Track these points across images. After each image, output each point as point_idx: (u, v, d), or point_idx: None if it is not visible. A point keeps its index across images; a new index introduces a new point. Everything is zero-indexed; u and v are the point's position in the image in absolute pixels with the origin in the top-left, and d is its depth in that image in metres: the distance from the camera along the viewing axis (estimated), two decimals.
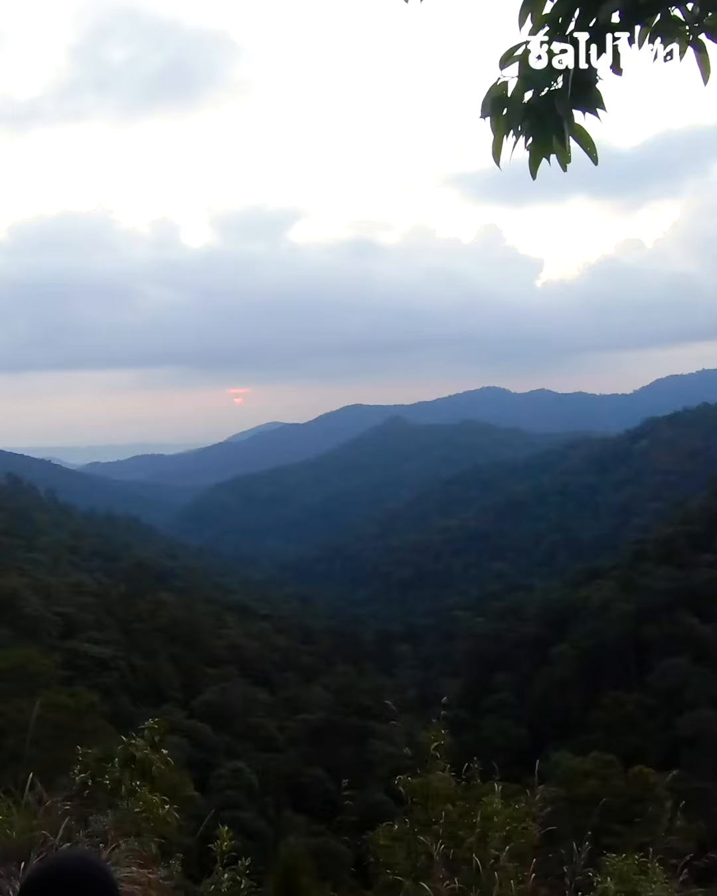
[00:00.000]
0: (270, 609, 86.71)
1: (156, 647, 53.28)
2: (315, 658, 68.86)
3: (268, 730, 46.14)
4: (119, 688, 41.75)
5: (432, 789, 4.71)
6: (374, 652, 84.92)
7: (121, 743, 4.95)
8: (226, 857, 4.13)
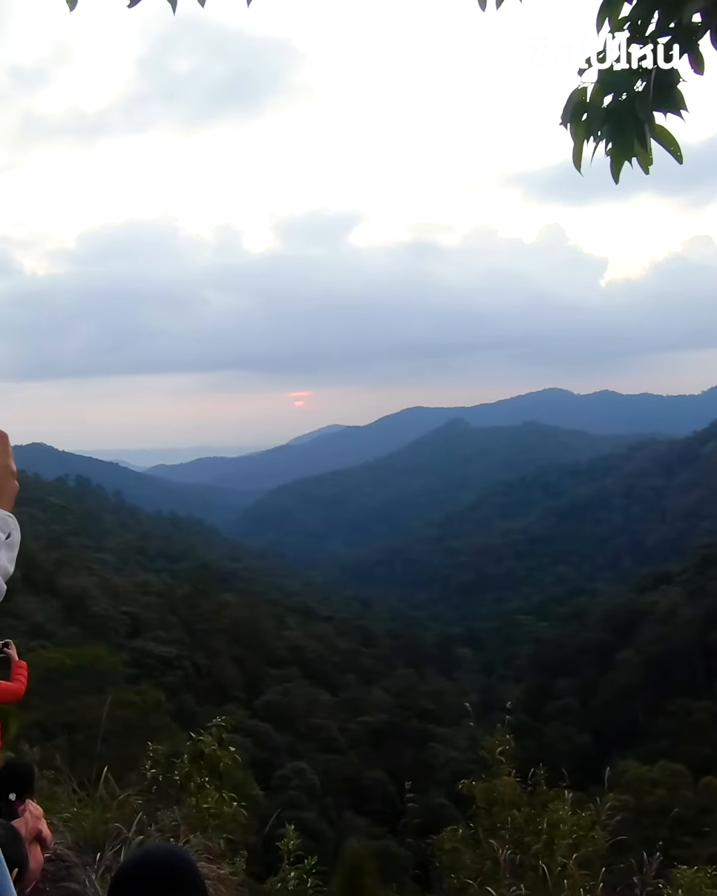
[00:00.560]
0: (331, 611, 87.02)
1: (219, 647, 53.99)
2: (376, 661, 68.83)
3: (329, 731, 46.27)
4: (183, 686, 42.44)
5: (497, 794, 4.67)
6: (435, 655, 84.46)
7: (186, 740, 5.06)
8: (292, 856, 4.17)
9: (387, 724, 48.50)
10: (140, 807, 3.83)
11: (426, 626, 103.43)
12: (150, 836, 3.57)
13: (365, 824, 33.31)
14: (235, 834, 4.15)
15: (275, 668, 56.11)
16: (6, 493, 1.25)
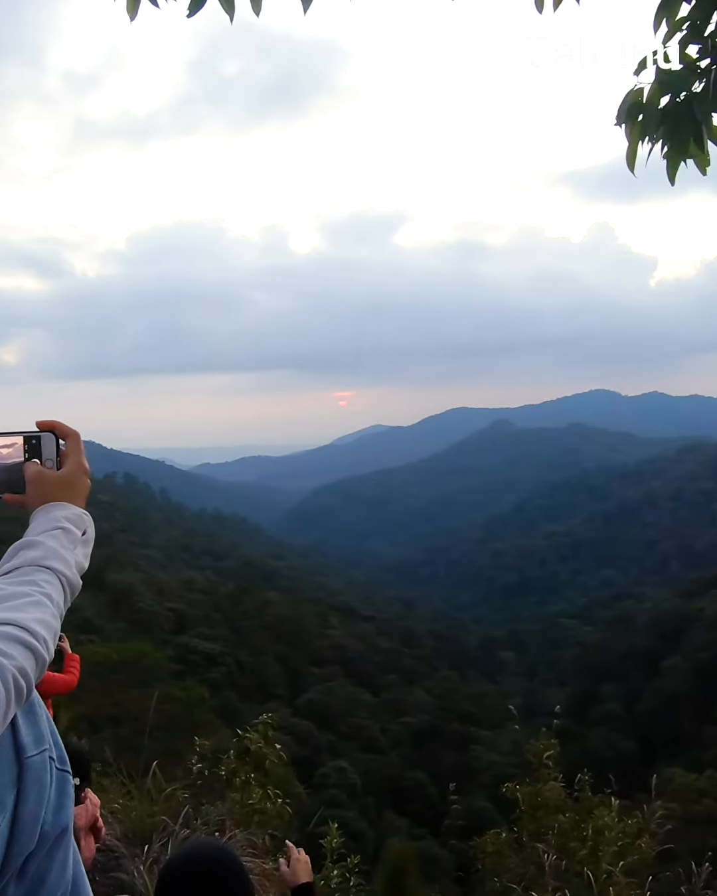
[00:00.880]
0: (373, 611, 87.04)
1: (262, 645, 54.39)
2: (418, 661, 68.66)
3: (370, 731, 46.29)
4: (226, 683, 42.82)
5: (542, 799, 4.64)
6: (477, 657, 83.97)
7: (229, 736, 5.07)
8: (335, 854, 4.19)
9: (428, 726, 48.34)
10: (186, 801, 3.88)
11: (469, 628, 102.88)
12: (196, 829, 3.62)
13: (405, 825, 33.26)
14: (279, 831, 4.18)
15: (317, 666, 56.31)
16: (81, 491, 1.26)
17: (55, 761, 1.12)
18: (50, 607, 1.08)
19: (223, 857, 1.45)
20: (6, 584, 1.08)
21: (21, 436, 1.29)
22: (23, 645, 0.99)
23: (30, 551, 1.14)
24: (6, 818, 1.01)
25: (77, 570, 1.18)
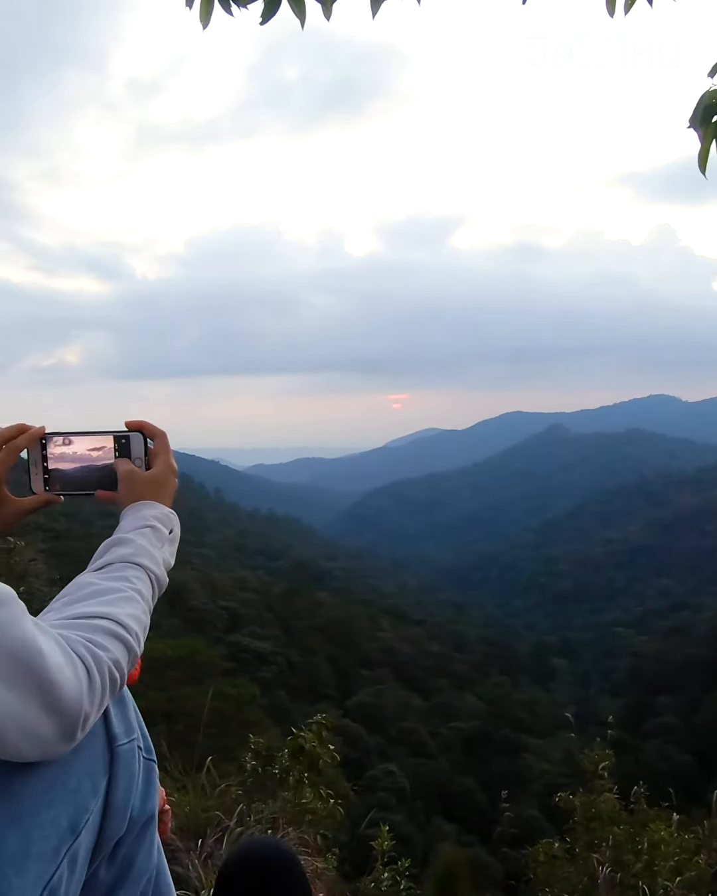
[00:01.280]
0: (424, 614, 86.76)
1: (313, 646, 54.64)
2: (468, 666, 68.16)
3: (420, 735, 46.11)
4: (277, 682, 43.12)
5: (597, 810, 4.56)
6: (529, 664, 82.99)
7: (281, 735, 5.08)
8: (386, 857, 4.20)
9: (479, 731, 47.94)
10: (240, 797, 3.92)
11: (521, 635, 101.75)
12: (249, 826, 3.66)
13: (454, 831, 33.02)
14: (330, 831, 4.20)
15: (367, 669, 56.34)
16: (169, 491, 1.33)
17: (143, 751, 1.16)
18: (141, 603, 1.12)
19: (282, 856, 1.46)
20: (100, 580, 1.13)
21: (111, 435, 1.33)
22: (117, 639, 1.03)
23: (121, 548, 1.18)
24: (99, 803, 1.05)
25: (164, 567, 1.23)
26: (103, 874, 1.11)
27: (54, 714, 0.88)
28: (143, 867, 1.17)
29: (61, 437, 1.32)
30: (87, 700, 0.92)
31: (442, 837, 30.07)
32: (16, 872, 0.93)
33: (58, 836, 0.99)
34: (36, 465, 1.32)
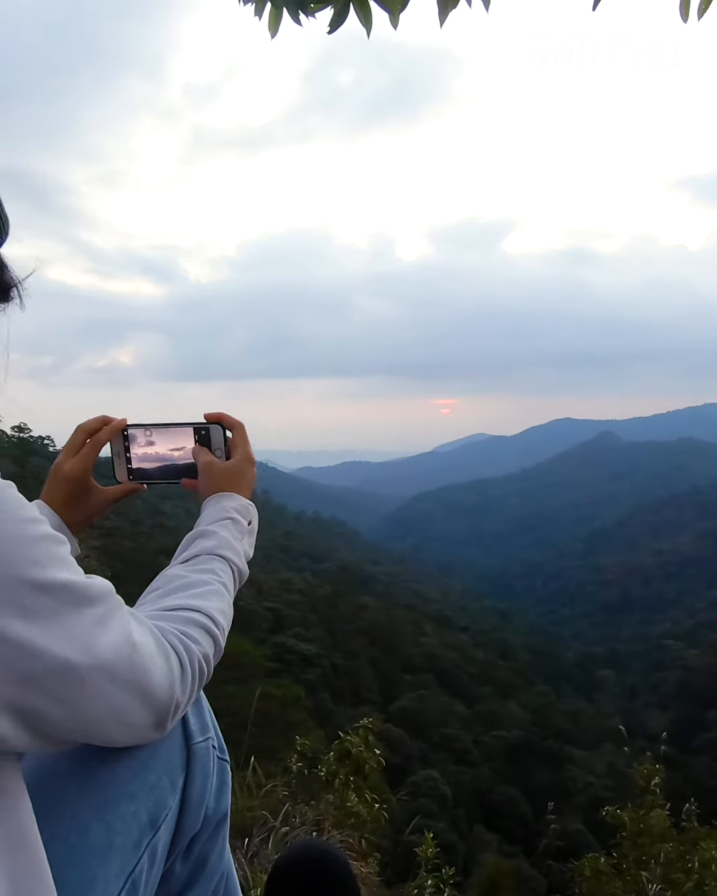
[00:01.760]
0: (469, 621, 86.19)
1: (356, 649, 54.67)
2: (513, 675, 67.48)
3: (463, 742, 45.77)
4: (320, 684, 43.23)
5: (645, 826, 4.47)
6: (574, 675, 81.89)
7: (324, 737, 5.07)
8: (430, 864, 4.18)
9: (522, 741, 47.40)
10: (285, 798, 3.95)
11: (567, 644, 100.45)
12: (294, 827, 3.68)
13: (496, 841, 32.70)
14: (375, 835, 4.20)
15: (410, 674, 56.15)
16: (247, 482, 1.32)
17: (217, 750, 1.17)
18: (227, 596, 1.16)
19: (333, 858, 1.47)
20: (188, 572, 1.15)
21: (191, 427, 1.37)
22: (207, 632, 1.05)
23: (205, 540, 1.21)
24: (176, 799, 1.07)
25: (245, 558, 1.26)
26: (179, 870, 1.13)
27: (147, 702, 0.90)
28: (216, 865, 1.20)
29: (143, 428, 1.36)
30: (179, 689, 0.94)
31: (484, 847, 29.82)
32: (100, 863, 0.95)
33: (138, 829, 1.01)
34: (119, 456, 1.37)
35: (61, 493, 1.31)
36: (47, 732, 0.80)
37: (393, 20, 1.87)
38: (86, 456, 1.32)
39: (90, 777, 0.99)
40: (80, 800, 0.97)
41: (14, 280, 0.89)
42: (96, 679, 0.80)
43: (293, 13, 1.93)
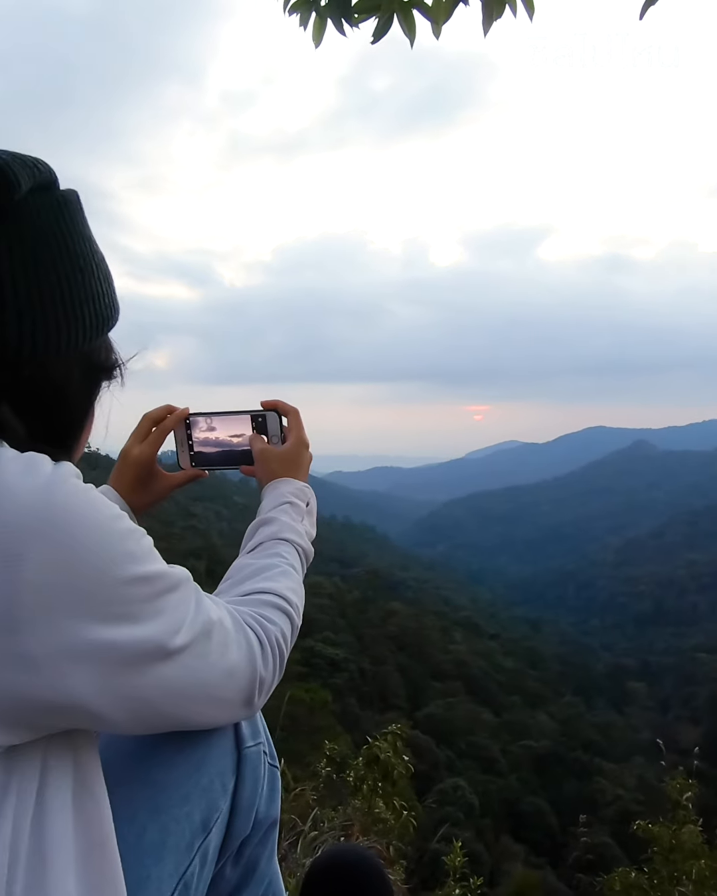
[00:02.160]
0: (498, 629, 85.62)
1: (385, 654, 54.57)
2: (542, 685, 66.89)
3: (490, 751, 45.39)
4: (348, 689, 43.21)
5: (677, 841, 4.40)
6: (604, 686, 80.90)
7: (351, 741, 5.07)
8: (458, 873, 4.15)
9: (550, 752, 46.93)
10: (314, 803, 3.95)
11: (598, 655, 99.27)
12: (322, 832, 3.68)
13: (522, 852, 32.39)
14: (402, 842, 4.18)
15: (438, 681, 55.89)
16: (303, 465, 1.40)
17: (268, 756, 1.19)
18: (296, 575, 1.22)
19: (367, 864, 1.47)
20: (256, 559, 1.21)
21: (248, 414, 1.44)
22: (282, 611, 1.09)
23: (267, 527, 1.28)
24: (227, 802, 1.08)
25: (308, 539, 1.33)
26: (229, 873, 1.14)
27: (234, 678, 0.93)
28: (265, 871, 1.21)
29: (204, 417, 1.43)
30: (261, 665, 0.97)
31: (510, 857, 29.57)
32: (154, 862, 0.97)
33: (191, 831, 1.02)
34: (182, 444, 1.44)
35: (129, 477, 1.37)
36: (149, 716, 0.84)
37: (436, 30, 1.88)
38: (153, 442, 1.39)
39: (145, 779, 1.02)
40: (136, 800, 0.99)
41: (119, 361, 0.97)
42: (188, 658, 0.85)
43: (337, 23, 1.95)
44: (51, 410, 0.85)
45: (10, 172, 0.74)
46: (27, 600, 0.67)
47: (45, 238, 0.81)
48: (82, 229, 0.88)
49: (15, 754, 0.73)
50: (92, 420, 0.96)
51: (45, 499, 0.70)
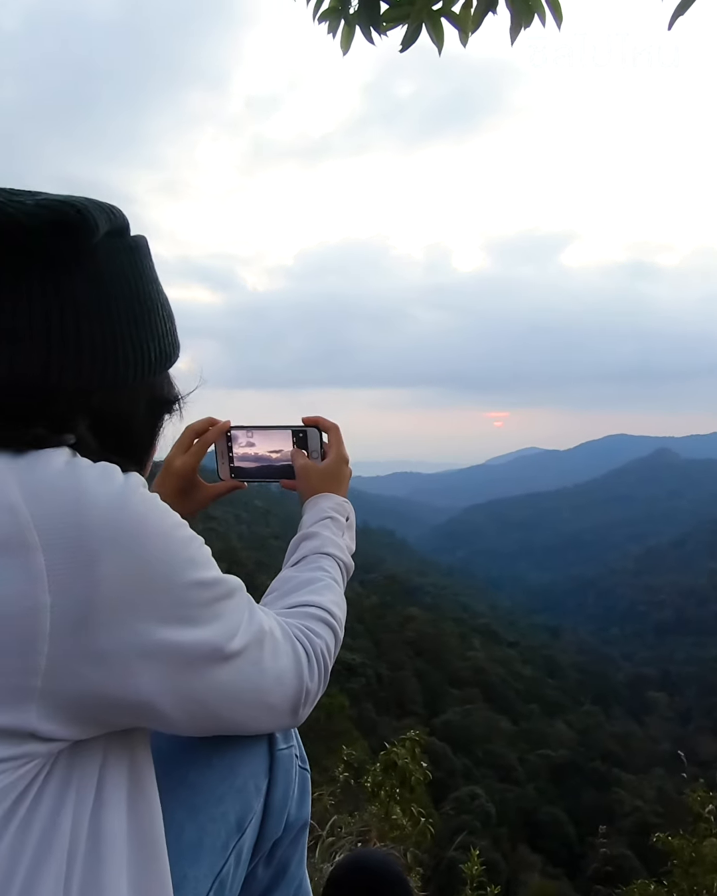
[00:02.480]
0: (517, 636, 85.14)
1: (402, 660, 54.43)
2: (560, 693, 66.41)
3: (507, 760, 45.12)
4: (365, 694, 43.13)
5: (699, 854, 4.35)
6: (624, 695, 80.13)
7: (367, 747, 5.06)
8: (475, 881, 4.13)
9: (568, 761, 46.54)
10: (332, 808, 3.95)
11: (617, 664, 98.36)
12: (340, 837, 3.68)
13: (539, 861, 32.10)
14: (419, 849, 4.17)
15: (456, 688, 55.64)
16: (342, 481, 1.42)
17: (299, 759, 1.20)
18: (339, 588, 1.23)
19: (388, 869, 1.47)
20: (299, 572, 1.24)
21: (289, 430, 1.46)
22: (326, 624, 1.11)
23: (310, 541, 1.31)
24: (260, 803, 1.09)
25: (348, 553, 1.34)
26: (261, 873, 1.16)
27: (283, 685, 0.96)
28: (295, 873, 1.23)
29: (245, 430, 1.46)
30: (307, 676, 1.00)
31: (527, 867, 29.32)
32: (191, 862, 0.99)
33: (226, 830, 1.04)
34: (222, 456, 1.48)
35: (171, 487, 1.41)
36: (204, 718, 0.88)
37: (463, 38, 1.89)
38: (195, 454, 1.43)
39: (182, 779, 1.04)
40: (173, 800, 1.00)
41: (178, 395, 1.03)
42: (243, 663, 0.88)
43: (366, 31, 1.96)
44: (120, 435, 0.90)
45: (89, 217, 0.80)
46: (102, 600, 0.70)
47: (117, 280, 0.87)
48: (150, 272, 0.94)
49: (78, 750, 0.76)
50: (156, 447, 1.02)
51: (119, 506, 0.73)
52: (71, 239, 0.80)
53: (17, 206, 0.77)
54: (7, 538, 0.67)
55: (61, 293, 0.81)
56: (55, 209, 0.78)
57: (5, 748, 0.69)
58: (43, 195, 0.80)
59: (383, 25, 1.96)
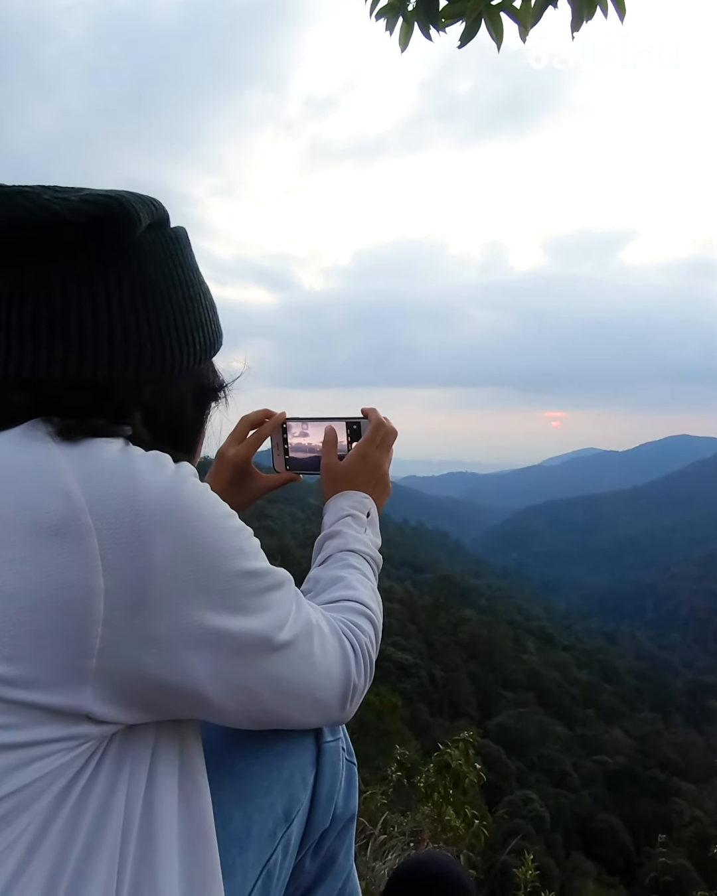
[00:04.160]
0: (573, 640, 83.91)
1: (455, 662, 54.13)
2: (617, 699, 65.20)
3: (562, 765, 44.49)
4: (417, 695, 43.01)
5: None
6: (683, 703, 78.27)
7: (419, 747, 5.03)
8: (529, 886, 4.09)
9: (625, 768, 45.67)
10: (383, 807, 3.95)
11: (677, 671, 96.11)
12: (392, 836, 3.67)
13: (594, 869, 31.58)
14: (473, 851, 4.14)
15: (510, 690, 55.13)
16: (360, 478, 1.41)
17: (345, 752, 1.20)
18: (370, 582, 1.24)
19: (454, 875, 1.46)
20: (330, 571, 1.24)
21: (343, 421, 1.45)
22: (366, 617, 1.11)
23: (334, 540, 1.31)
24: (308, 795, 1.09)
25: (374, 547, 1.35)
26: (309, 865, 1.16)
27: (331, 679, 0.97)
28: (343, 865, 1.22)
29: (300, 422, 1.46)
30: (354, 671, 1.00)
31: (581, 874, 28.84)
32: (239, 851, 1.00)
33: (274, 821, 1.04)
34: (278, 447, 1.47)
35: (225, 477, 1.42)
36: (254, 709, 0.89)
37: (523, 33, 1.86)
38: (250, 445, 1.44)
39: (230, 769, 1.05)
40: (222, 791, 1.00)
41: (223, 383, 1.05)
42: (292, 655, 0.89)
43: (424, 28, 1.96)
44: (170, 424, 0.91)
45: (132, 210, 0.81)
46: (154, 584, 0.72)
47: (160, 271, 0.88)
48: (191, 262, 0.95)
49: (131, 735, 0.77)
50: (204, 435, 1.04)
51: (171, 493, 0.74)
52: (115, 233, 0.82)
53: (62, 202, 0.78)
54: (63, 523, 0.68)
55: (109, 287, 0.83)
56: (99, 204, 0.79)
57: (61, 728, 0.70)
58: (86, 191, 0.82)
59: (441, 21, 1.95)
